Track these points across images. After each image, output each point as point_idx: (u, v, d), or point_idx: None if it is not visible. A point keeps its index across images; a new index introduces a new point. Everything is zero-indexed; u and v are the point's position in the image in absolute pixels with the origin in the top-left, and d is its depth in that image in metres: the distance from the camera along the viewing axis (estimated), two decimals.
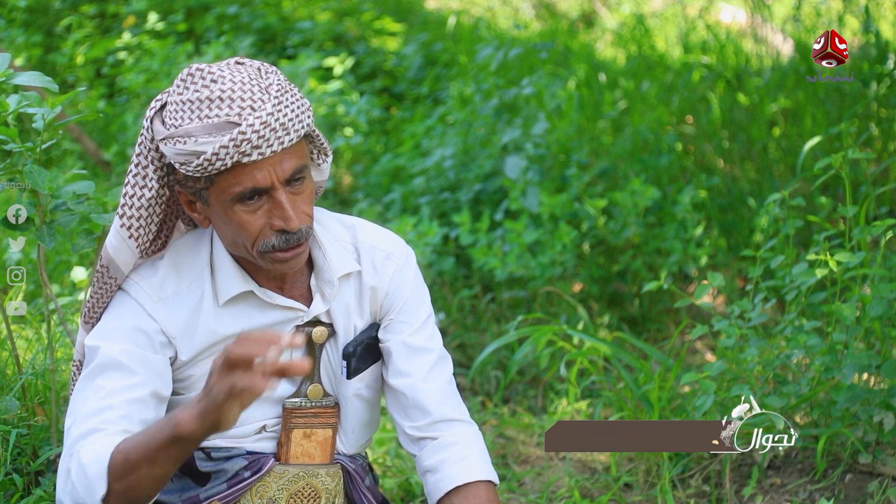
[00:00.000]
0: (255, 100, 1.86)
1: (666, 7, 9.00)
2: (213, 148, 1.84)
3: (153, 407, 1.98)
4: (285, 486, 2.14)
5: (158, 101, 1.95)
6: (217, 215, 1.94)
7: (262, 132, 1.84)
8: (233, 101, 1.86)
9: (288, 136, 1.88)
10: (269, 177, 1.88)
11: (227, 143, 1.83)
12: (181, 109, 1.88)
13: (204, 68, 1.89)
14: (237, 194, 1.89)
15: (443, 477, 2.10)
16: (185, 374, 2.07)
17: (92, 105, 6.19)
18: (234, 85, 1.87)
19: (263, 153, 1.86)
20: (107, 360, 1.97)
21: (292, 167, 1.90)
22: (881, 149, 4.72)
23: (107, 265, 2.02)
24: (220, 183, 1.89)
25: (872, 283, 2.80)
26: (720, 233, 4.64)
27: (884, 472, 2.73)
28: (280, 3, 7.48)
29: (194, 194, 1.94)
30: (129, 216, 1.99)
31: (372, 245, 2.16)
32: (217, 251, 2.06)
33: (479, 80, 5.40)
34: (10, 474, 2.38)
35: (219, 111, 1.85)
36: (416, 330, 2.17)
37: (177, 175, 1.95)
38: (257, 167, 1.87)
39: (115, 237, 2.00)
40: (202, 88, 1.87)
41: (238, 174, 1.87)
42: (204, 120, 1.85)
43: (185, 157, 1.86)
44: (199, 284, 2.05)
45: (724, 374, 2.97)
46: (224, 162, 1.85)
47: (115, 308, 2.04)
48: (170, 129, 1.88)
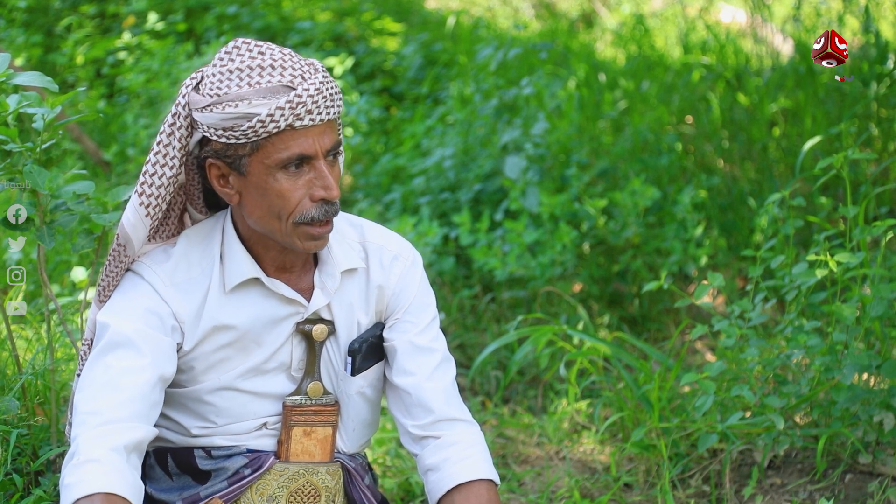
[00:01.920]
0: (305, 70, 1.94)
1: (666, 7, 9.00)
2: (268, 109, 1.88)
3: (159, 389, 2.00)
4: (285, 483, 2.14)
5: (194, 79, 1.98)
6: (254, 186, 1.96)
7: (315, 98, 1.91)
8: (284, 69, 1.92)
9: (333, 108, 1.95)
10: (314, 145, 1.94)
11: (283, 104, 1.88)
12: (227, 78, 1.92)
13: (250, 42, 1.96)
14: (283, 160, 1.93)
15: (444, 475, 2.11)
16: (187, 366, 2.08)
17: (92, 105, 6.19)
18: (284, 56, 1.94)
19: (314, 119, 1.92)
20: (118, 338, 1.98)
21: (332, 140, 1.96)
22: (881, 149, 4.72)
23: (124, 244, 2.03)
24: (266, 148, 1.92)
25: (872, 283, 2.80)
26: (720, 233, 4.64)
27: (884, 472, 2.73)
28: (280, 3, 7.48)
29: (231, 164, 1.96)
30: (148, 194, 2.00)
31: (380, 245, 2.18)
32: (228, 240, 2.07)
33: (479, 80, 5.40)
34: (10, 474, 2.38)
35: (271, 77, 1.91)
36: (422, 330, 2.18)
37: (213, 145, 1.96)
38: (305, 134, 1.92)
39: (133, 214, 2.01)
40: (250, 59, 1.93)
41: (286, 139, 1.92)
42: (256, 85, 1.90)
43: (234, 120, 1.90)
44: (209, 273, 2.07)
45: (724, 374, 2.98)
46: (278, 124, 1.89)
47: (127, 289, 2.05)
48: (213, 96, 1.91)
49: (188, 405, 2.12)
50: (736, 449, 2.95)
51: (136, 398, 1.93)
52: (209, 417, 2.12)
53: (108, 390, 1.93)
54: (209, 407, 2.11)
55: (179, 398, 2.12)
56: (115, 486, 1.82)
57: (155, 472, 2.17)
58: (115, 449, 1.86)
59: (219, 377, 2.09)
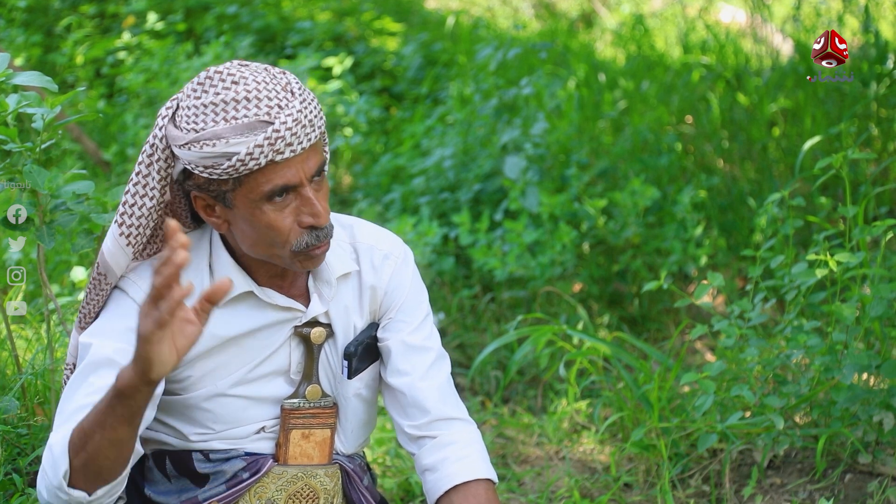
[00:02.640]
0: (281, 98, 1.87)
1: (666, 7, 9.00)
2: (247, 148, 1.83)
3: None
4: (284, 486, 2.14)
5: (169, 109, 1.93)
6: (241, 217, 1.93)
7: (294, 129, 1.85)
8: (259, 100, 1.86)
9: (314, 133, 1.89)
10: (298, 174, 1.89)
11: (261, 141, 1.83)
12: (203, 112, 1.86)
13: (222, 70, 1.88)
14: (267, 193, 1.89)
15: (442, 475, 2.10)
16: (182, 375, 2.07)
17: (92, 105, 6.19)
18: (259, 85, 1.87)
19: (295, 150, 1.87)
20: (99, 358, 1.96)
21: (316, 163, 1.92)
22: (881, 149, 4.72)
23: (104, 272, 2.01)
24: (248, 183, 1.88)
25: (872, 283, 2.80)
26: (720, 233, 4.64)
27: (884, 472, 2.73)
28: (280, 3, 7.49)
29: (216, 198, 1.92)
30: (128, 224, 1.97)
31: (370, 245, 2.16)
32: (216, 252, 2.05)
33: (479, 80, 5.40)
34: (9, 474, 2.38)
35: (247, 111, 1.85)
36: (415, 329, 2.17)
37: (195, 180, 1.92)
38: (287, 165, 1.87)
39: (112, 244, 1.99)
40: (224, 91, 1.86)
41: (268, 173, 1.87)
42: (232, 121, 1.85)
43: (214, 159, 1.85)
44: (199, 285, 2.04)
45: (724, 374, 2.97)
46: (258, 161, 1.85)
47: (111, 307, 2.03)
48: (190, 132, 1.86)
49: (185, 412, 2.11)
50: (736, 449, 2.95)
51: None
52: (207, 424, 2.11)
53: (84, 407, 1.90)
54: (207, 414, 2.10)
55: (176, 406, 2.11)
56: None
57: (153, 475, 2.16)
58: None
59: (215, 384, 2.08)
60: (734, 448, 2.92)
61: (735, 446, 2.91)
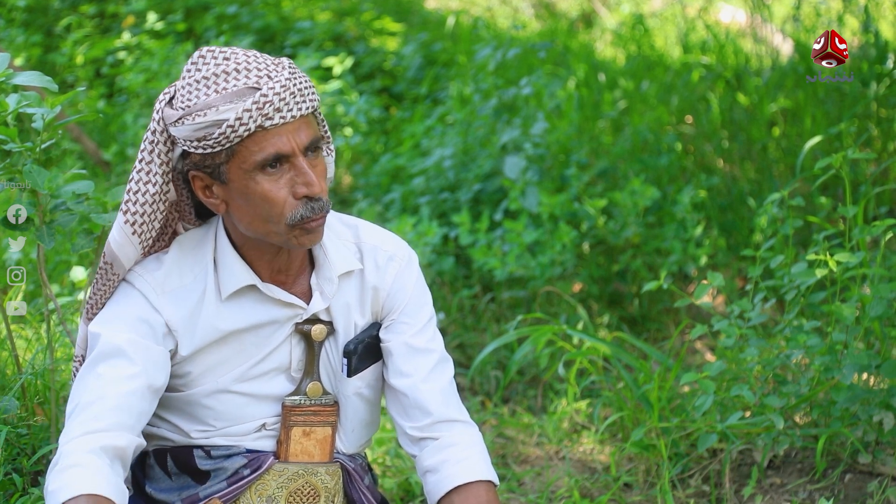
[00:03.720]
0: (271, 69, 1.92)
1: (665, 7, 9.00)
2: (236, 113, 1.87)
3: (148, 398, 1.99)
4: (284, 484, 2.14)
5: (167, 94, 1.97)
6: (237, 192, 1.95)
7: (282, 95, 1.89)
8: (249, 70, 1.91)
9: (304, 104, 1.92)
10: (289, 142, 1.92)
11: (250, 105, 1.87)
12: (195, 88, 1.91)
13: (214, 49, 1.94)
14: (260, 161, 1.91)
15: (443, 477, 2.10)
16: (183, 371, 2.07)
17: (92, 105, 6.19)
18: (248, 58, 1.93)
19: (284, 117, 1.90)
20: (109, 348, 1.98)
21: (309, 136, 1.94)
22: (881, 149, 4.72)
23: (110, 262, 2.03)
24: (241, 153, 1.91)
25: (872, 283, 2.80)
26: (720, 233, 4.64)
27: (884, 472, 2.73)
28: (280, 3, 7.48)
29: (211, 174, 1.95)
30: (132, 212, 1.99)
31: (375, 245, 2.17)
32: (221, 246, 2.06)
33: (479, 80, 5.40)
34: (9, 474, 2.38)
35: (236, 81, 1.90)
36: (419, 331, 2.18)
37: (192, 158, 1.95)
38: (278, 132, 1.91)
39: (118, 233, 2.01)
40: (215, 66, 1.92)
41: (259, 140, 1.90)
42: (222, 91, 1.89)
43: (206, 129, 1.89)
44: (203, 279, 2.06)
45: (724, 374, 2.97)
46: (247, 126, 1.88)
47: (119, 298, 2.05)
48: (184, 108, 1.91)
49: (186, 409, 2.12)
50: (736, 449, 2.95)
51: (121, 407, 1.93)
52: (208, 421, 2.12)
53: (95, 400, 1.93)
54: (207, 411, 2.11)
55: (177, 402, 2.11)
56: (99, 487, 1.82)
57: (154, 472, 2.17)
58: (97, 454, 1.87)
59: (216, 380, 2.09)
60: (734, 448, 2.92)
61: (735, 446, 2.91)
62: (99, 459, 1.86)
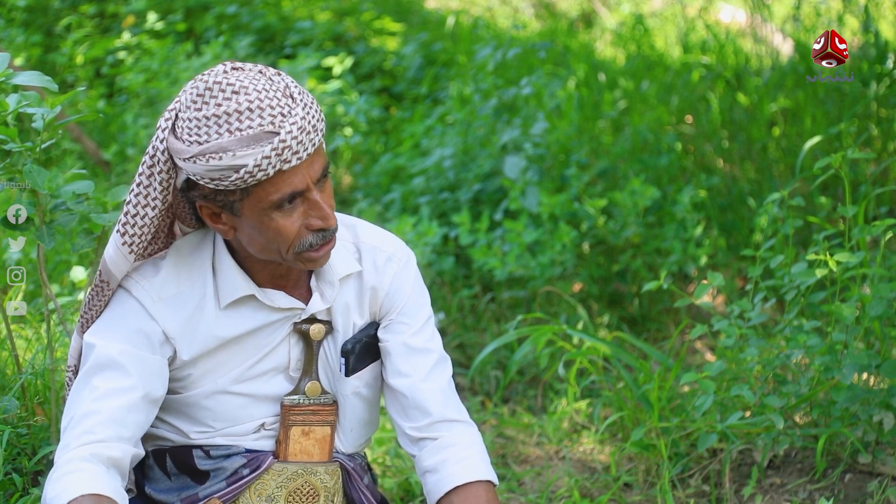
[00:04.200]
0: (283, 106, 1.86)
1: (665, 7, 9.00)
2: (254, 160, 1.82)
3: (144, 409, 1.99)
4: (284, 483, 2.14)
5: (168, 120, 1.91)
6: (249, 224, 1.93)
7: (299, 137, 1.85)
8: (262, 110, 1.84)
9: (317, 137, 1.89)
10: (304, 179, 1.89)
11: (269, 153, 1.82)
12: (205, 125, 1.85)
13: (221, 81, 1.85)
14: (276, 201, 1.89)
15: (443, 477, 2.10)
16: (184, 374, 2.07)
17: (92, 105, 6.19)
18: (260, 94, 1.85)
19: (301, 157, 1.86)
20: (103, 360, 1.97)
21: (321, 166, 1.92)
22: (881, 149, 4.72)
23: (107, 280, 2.02)
24: (256, 193, 1.88)
25: (872, 283, 2.80)
26: (720, 233, 4.64)
27: (884, 471, 2.73)
28: (279, 3, 7.48)
29: (222, 207, 1.92)
30: (130, 234, 1.97)
31: (373, 245, 2.17)
32: (219, 253, 2.06)
33: (478, 79, 5.40)
34: (9, 474, 2.38)
35: (251, 122, 1.83)
36: (417, 331, 2.18)
37: (201, 190, 1.92)
38: (294, 172, 1.87)
39: (115, 252, 1.99)
40: (225, 102, 1.84)
41: (276, 182, 1.87)
42: (237, 133, 1.83)
43: (221, 172, 1.84)
44: (201, 285, 2.05)
45: (724, 374, 2.97)
46: (266, 172, 1.84)
47: (115, 307, 2.04)
48: (193, 145, 1.85)
49: (185, 411, 2.12)
50: (736, 449, 2.95)
51: (116, 420, 1.93)
52: (207, 422, 2.12)
53: (90, 413, 1.92)
54: (206, 412, 2.11)
55: (176, 404, 2.11)
56: (99, 487, 1.83)
57: (154, 473, 2.17)
58: (93, 461, 1.87)
59: (215, 382, 2.09)
60: (734, 448, 2.92)
61: (735, 446, 2.91)
62: (96, 466, 1.87)
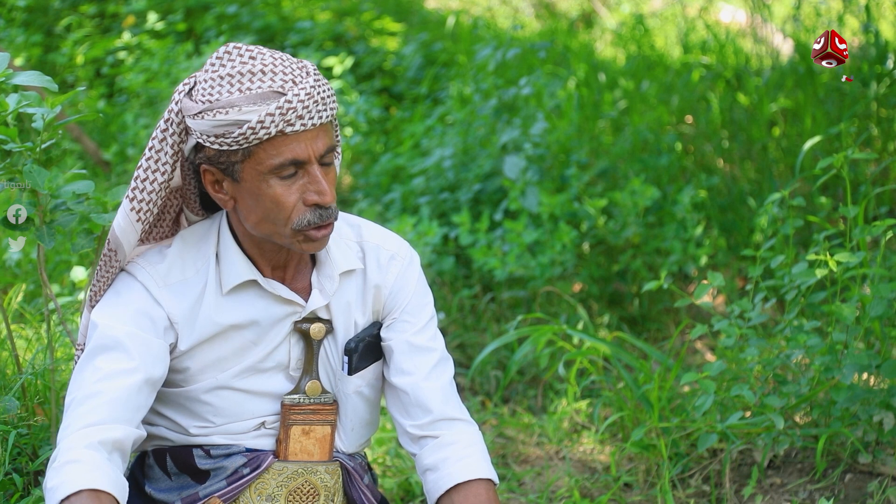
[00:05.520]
0: (296, 74, 1.92)
1: (666, 7, 9.00)
2: (258, 116, 1.87)
3: (146, 391, 1.99)
4: (284, 482, 2.14)
5: (187, 85, 1.97)
6: (248, 192, 1.96)
7: (306, 102, 1.90)
8: (275, 73, 1.91)
9: (325, 112, 1.93)
10: (307, 150, 1.92)
11: (273, 110, 1.87)
12: (218, 84, 1.91)
13: (241, 47, 1.94)
14: (275, 166, 1.92)
15: (443, 475, 2.11)
16: (182, 366, 2.08)
17: (92, 105, 6.19)
18: (275, 60, 1.93)
19: (305, 124, 1.90)
20: (107, 341, 1.98)
21: (325, 145, 1.95)
22: (881, 149, 4.72)
23: (115, 248, 2.04)
24: (258, 154, 1.92)
25: (872, 283, 2.80)
26: (720, 233, 4.64)
27: (884, 471, 2.73)
28: (280, 3, 7.48)
29: (224, 171, 1.95)
30: (139, 199, 2.00)
31: (377, 244, 2.18)
32: (224, 241, 2.07)
33: (479, 79, 5.40)
34: (9, 474, 2.38)
35: (261, 83, 1.90)
36: (420, 330, 2.18)
37: (206, 152, 1.95)
38: (297, 139, 1.91)
39: (123, 219, 2.01)
40: (240, 64, 1.91)
41: (278, 145, 1.91)
42: (246, 91, 1.90)
43: (226, 127, 1.89)
44: (204, 273, 2.07)
45: (724, 374, 2.98)
46: (268, 130, 1.88)
47: (120, 290, 2.05)
48: (205, 102, 1.91)
49: (185, 405, 2.12)
50: (736, 449, 2.95)
51: (118, 401, 1.94)
52: (207, 417, 2.12)
53: (92, 395, 1.93)
54: (206, 407, 2.11)
55: (176, 398, 2.12)
56: (98, 482, 1.83)
57: (154, 472, 2.17)
58: (94, 448, 1.87)
59: (215, 376, 2.09)
60: (734, 448, 2.92)
61: (735, 446, 2.91)
62: (97, 454, 1.87)
